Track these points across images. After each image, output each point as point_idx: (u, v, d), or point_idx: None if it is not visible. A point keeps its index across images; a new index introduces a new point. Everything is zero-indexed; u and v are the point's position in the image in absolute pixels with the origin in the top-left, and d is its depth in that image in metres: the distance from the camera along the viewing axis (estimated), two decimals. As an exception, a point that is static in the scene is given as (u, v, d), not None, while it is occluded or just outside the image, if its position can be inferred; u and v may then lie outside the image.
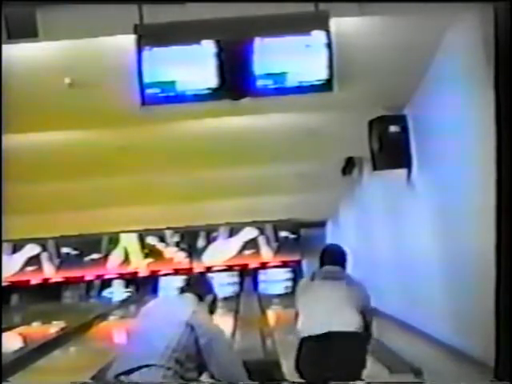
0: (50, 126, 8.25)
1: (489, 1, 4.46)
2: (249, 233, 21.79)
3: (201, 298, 4.31)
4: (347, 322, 4.90)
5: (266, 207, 16.95)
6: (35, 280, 21.75)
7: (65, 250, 21.75)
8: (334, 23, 4.99)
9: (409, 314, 10.24)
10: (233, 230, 21.73)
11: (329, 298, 5.00)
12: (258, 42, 4.97)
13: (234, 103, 5.22)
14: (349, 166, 12.32)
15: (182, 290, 4.38)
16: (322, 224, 21.45)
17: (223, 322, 15.01)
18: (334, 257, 5.33)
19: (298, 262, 21.97)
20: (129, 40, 4.96)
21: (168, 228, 21.36)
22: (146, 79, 4.99)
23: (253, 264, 21.77)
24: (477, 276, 6.38)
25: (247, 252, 21.78)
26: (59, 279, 21.70)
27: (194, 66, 5.00)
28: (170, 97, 5.05)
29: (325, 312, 4.94)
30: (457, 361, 7.03)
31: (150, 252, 22.10)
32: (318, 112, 8.46)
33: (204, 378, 4.06)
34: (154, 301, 4.54)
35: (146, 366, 3.86)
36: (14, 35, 5.05)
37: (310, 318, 5.01)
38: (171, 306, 4.27)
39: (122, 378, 3.88)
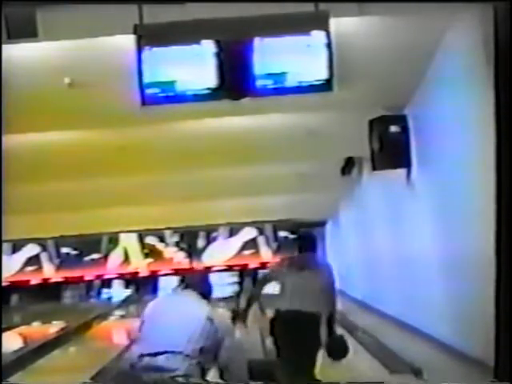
0: (50, 126, 8.25)
1: (489, 1, 4.46)
2: (248, 233, 21.81)
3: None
4: (308, 305, 6.13)
5: (265, 207, 16.95)
6: (35, 280, 21.76)
7: (65, 250, 21.77)
8: (334, 23, 4.99)
9: (409, 314, 10.25)
10: (233, 230, 21.75)
11: (297, 287, 6.24)
12: (257, 42, 4.96)
13: (233, 103, 5.22)
14: (349, 166, 12.32)
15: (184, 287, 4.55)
16: (321, 224, 21.46)
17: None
18: (306, 244, 6.49)
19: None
20: (129, 40, 4.96)
21: (168, 228, 21.37)
22: (146, 79, 4.98)
23: (252, 264, 21.78)
24: (477, 276, 6.38)
25: (247, 252, 21.80)
26: (59, 279, 21.72)
27: (193, 66, 5.00)
28: (169, 97, 5.05)
29: (291, 296, 6.27)
30: (457, 361, 7.03)
31: (150, 252, 22.11)
32: (318, 112, 8.46)
33: (211, 377, 4.16)
34: (165, 296, 4.70)
35: (173, 352, 4.01)
36: (14, 35, 5.05)
37: (281, 299, 6.39)
38: (188, 301, 4.37)
39: (147, 358, 4.00)
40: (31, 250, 21.82)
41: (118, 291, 22.30)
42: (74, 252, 21.74)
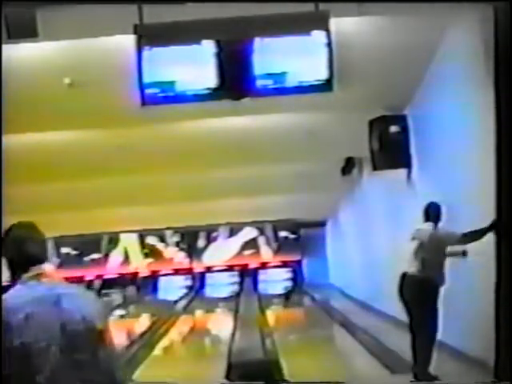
0: (50, 126, 8.25)
1: (489, 1, 4.46)
2: (249, 233, 21.81)
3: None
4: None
5: (266, 207, 16.95)
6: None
7: (65, 250, 21.74)
8: (334, 23, 4.99)
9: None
10: (233, 230, 21.75)
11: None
12: (257, 42, 4.96)
13: (234, 103, 5.22)
14: (349, 165, 12.32)
15: None
16: (322, 224, 21.45)
17: (223, 321, 15.03)
18: (427, 215, 6.85)
19: (298, 262, 21.98)
20: (129, 40, 4.96)
21: (168, 228, 21.36)
22: (146, 79, 4.98)
23: (253, 264, 21.78)
24: (477, 276, 6.38)
25: (247, 252, 21.80)
26: (59, 279, 21.67)
27: (193, 66, 5.00)
28: (169, 97, 5.05)
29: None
30: (457, 361, 7.02)
31: (150, 252, 22.11)
32: (318, 112, 8.46)
33: None
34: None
35: None
36: (14, 35, 5.04)
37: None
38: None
39: None
40: (31, 250, 21.80)
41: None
42: (74, 252, 21.73)
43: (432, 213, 6.79)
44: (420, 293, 6.64)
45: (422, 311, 6.64)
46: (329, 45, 4.98)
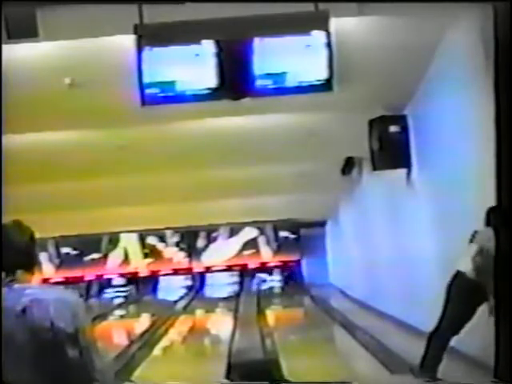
0: (50, 126, 8.25)
1: (489, 1, 4.46)
2: (249, 233, 21.81)
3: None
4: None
5: (266, 207, 16.95)
6: (35, 280, 21.72)
7: (65, 249, 21.74)
8: (334, 23, 4.99)
9: (408, 314, 10.25)
10: (233, 230, 21.75)
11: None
12: (257, 42, 4.97)
13: (233, 103, 5.22)
14: (348, 165, 12.33)
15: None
16: (321, 224, 21.46)
17: (223, 321, 15.03)
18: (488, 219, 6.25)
19: (298, 262, 21.99)
20: (129, 40, 4.96)
21: (168, 228, 21.36)
22: (146, 79, 4.99)
23: (252, 264, 21.78)
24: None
25: (247, 252, 21.80)
26: (59, 279, 21.70)
27: (193, 66, 5.01)
28: (169, 97, 5.05)
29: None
30: (457, 361, 7.02)
31: (150, 252, 22.11)
32: (318, 112, 8.46)
33: None
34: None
35: None
36: (14, 35, 5.05)
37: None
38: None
39: None
40: (31, 249, 21.78)
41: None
42: (74, 252, 21.73)
43: (496, 217, 6.05)
44: (469, 295, 6.25)
45: (459, 312, 6.33)
46: (329, 45, 4.98)
